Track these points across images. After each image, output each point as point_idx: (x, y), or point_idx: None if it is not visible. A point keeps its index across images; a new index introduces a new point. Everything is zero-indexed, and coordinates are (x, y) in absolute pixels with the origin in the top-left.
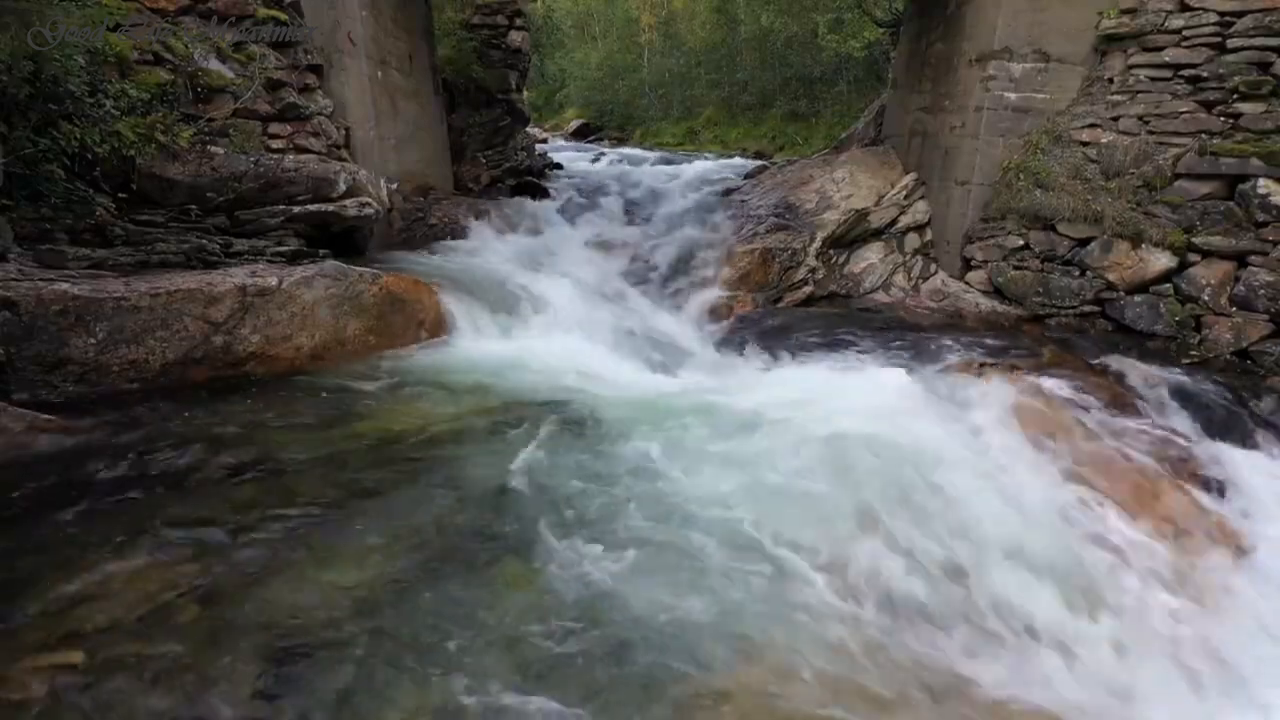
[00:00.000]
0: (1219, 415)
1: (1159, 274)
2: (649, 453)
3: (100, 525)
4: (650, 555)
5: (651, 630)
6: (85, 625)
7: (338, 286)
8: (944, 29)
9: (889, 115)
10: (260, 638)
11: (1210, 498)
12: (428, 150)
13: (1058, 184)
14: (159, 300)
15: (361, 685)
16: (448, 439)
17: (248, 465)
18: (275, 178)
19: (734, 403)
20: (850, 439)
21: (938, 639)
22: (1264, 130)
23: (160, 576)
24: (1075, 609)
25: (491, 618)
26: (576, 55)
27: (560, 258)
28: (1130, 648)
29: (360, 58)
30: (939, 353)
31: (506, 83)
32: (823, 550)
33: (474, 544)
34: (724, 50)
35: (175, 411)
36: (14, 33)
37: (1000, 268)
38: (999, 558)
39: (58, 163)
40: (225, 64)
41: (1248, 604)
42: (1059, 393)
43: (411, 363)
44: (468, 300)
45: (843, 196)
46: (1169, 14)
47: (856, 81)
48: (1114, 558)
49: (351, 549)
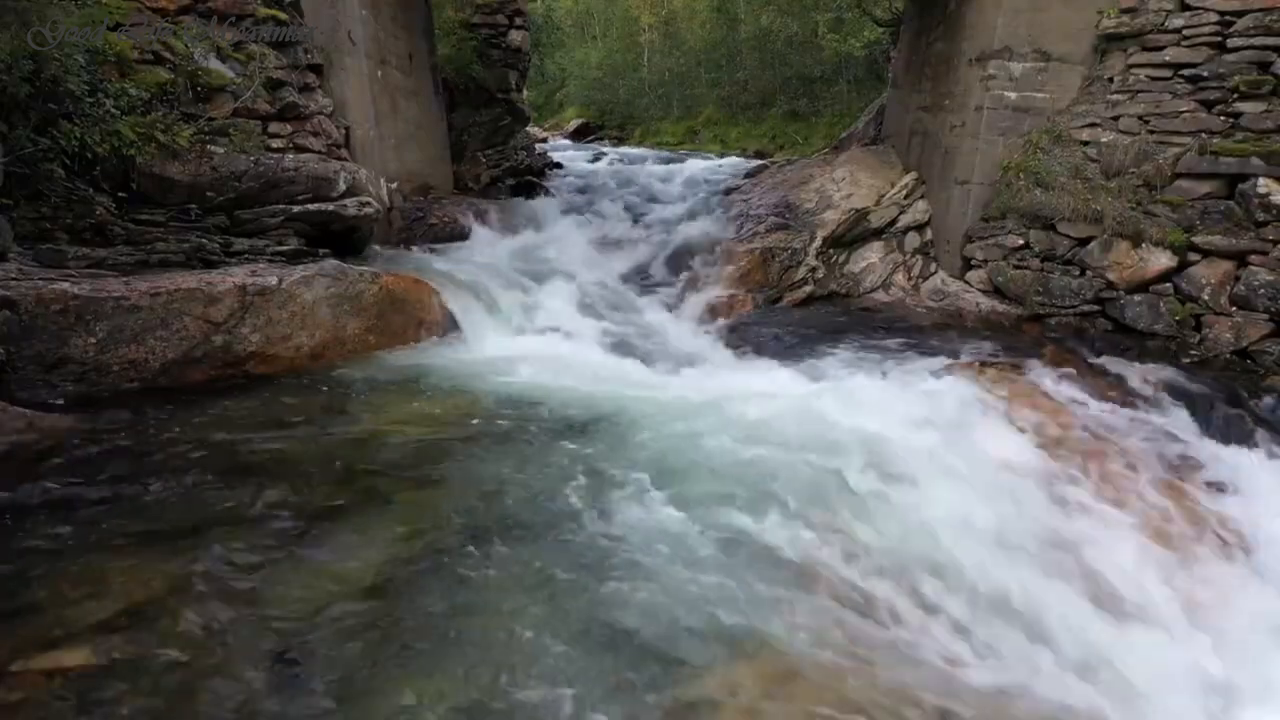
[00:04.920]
0: (1219, 414)
1: (1159, 273)
2: (649, 452)
3: (100, 524)
4: (651, 555)
5: (651, 629)
6: (85, 625)
7: (338, 286)
8: (944, 28)
9: (889, 115)
10: (260, 636)
11: (1210, 497)
12: (428, 149)
13: (1058, 183)
14: (159, 300)
15: (362, 684)
16: (447, 438)
17: (247, 464)
18: (275, 177)
19: (734, 402)
20: (850, 439)
21: (919, 639)
22: (1264, 129)
23: (160, 576)
24: (1075, 609)
25: (491, 615)
26: (576, 55)
27: (560, 257)
28: (1129, 647)
29: (360, 57)
30: (939, 352)
31: (506, 82)
32: (827, 560)
33: (474, 542)
34: (724, 50)
35: (175, 411)
36: (14, 32)
37: (1000, 267)
38: (996, 556)
39: (58, 162)
40: (225, 63)
41: (1248, 603)
42: (1059, 392)
43: (411, 362)
44: (468, 300)
45: (843, 196)
46: (1169, 13)
47: (856, 81)
48: (1111, 556)
49: (351, 548)
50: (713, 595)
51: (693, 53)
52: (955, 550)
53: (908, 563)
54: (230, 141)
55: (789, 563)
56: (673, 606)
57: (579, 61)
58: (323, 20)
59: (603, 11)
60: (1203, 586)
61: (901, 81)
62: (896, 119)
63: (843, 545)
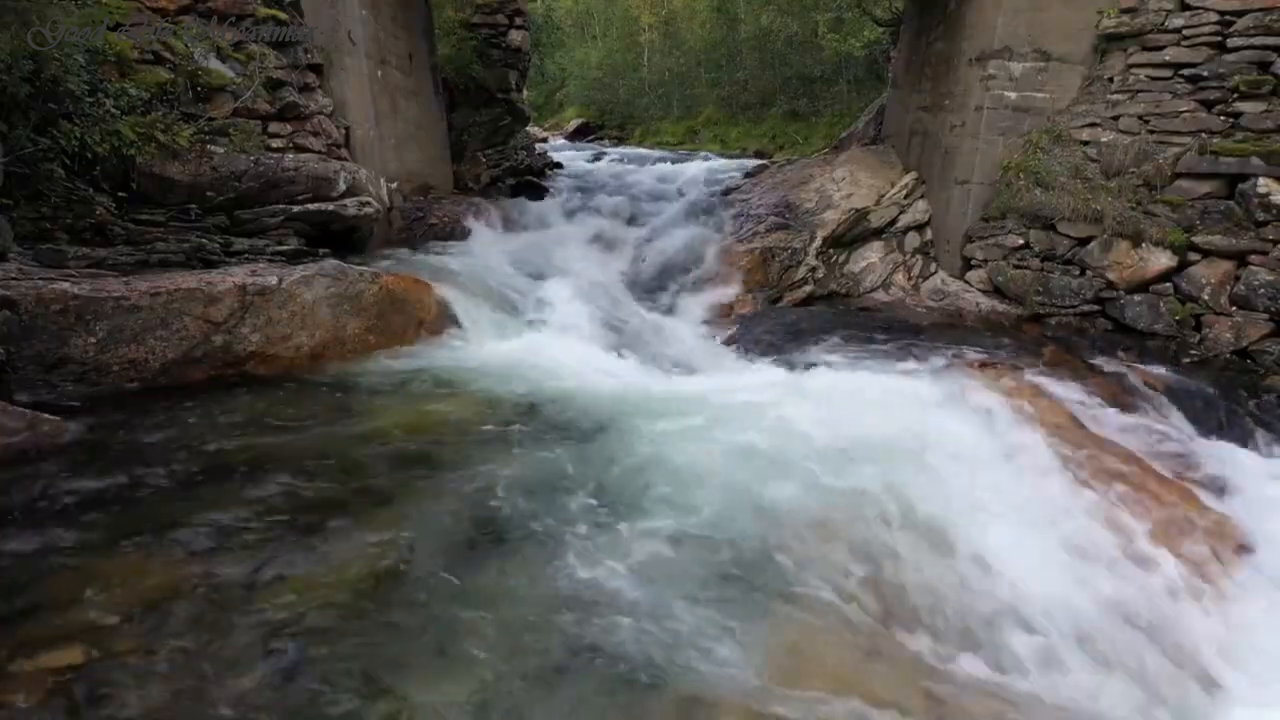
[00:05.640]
0: (1219, 414)
1: (1159, 273)
2: (648, 452)
3: (100, 524)
4: (650, 554)
5: (652, 627)
6: (85, 624)
7: (338, 286)
8: (944, 28)
9: (889, 114)
10: (260, 636)
11: (1210, 496)
12: (428, 149)
13: (1058, 183)
14: (159, 299)
15: (361, 683)
16: (447, 438)
17: (247, 464)
18: (275, 177)
19: (734, 402)
20: (850, 440)
21: (923, 635)
22: (1264, 129)
23: (160, 575)
24: (1073, 607)
25: (491, 615)
26: (576, 54)
27: (560, 257)
28: (1129, 647)
29: (360, 57)
30: (939, 352)
31: (506, 82)
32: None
33: (474, 542)
34: (724, 50)
35: (175, 411)
36: (14, 32)
37: (1000, 267)
38: (995, 554)
39: (58, 162)
40: (225, 63)
41: (1248, 603)
42: (1058, 392)
43: (411, 362)
44: (467, 299)
45: (843, 196)
46: (1169, 13)
47: (856, 81)
48: (1112, 556)
49: (351, 547)
50: (707, 589)
51: (693, 53)
52: (950, 546)
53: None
54: (230, 141)
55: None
56: (671, 604)
57: (579, 61)
58: (323, 20)
59: (603, 11)
60: (1202, 585)
61: (901, 81)
62: (896, 119)
63: (844, 547)
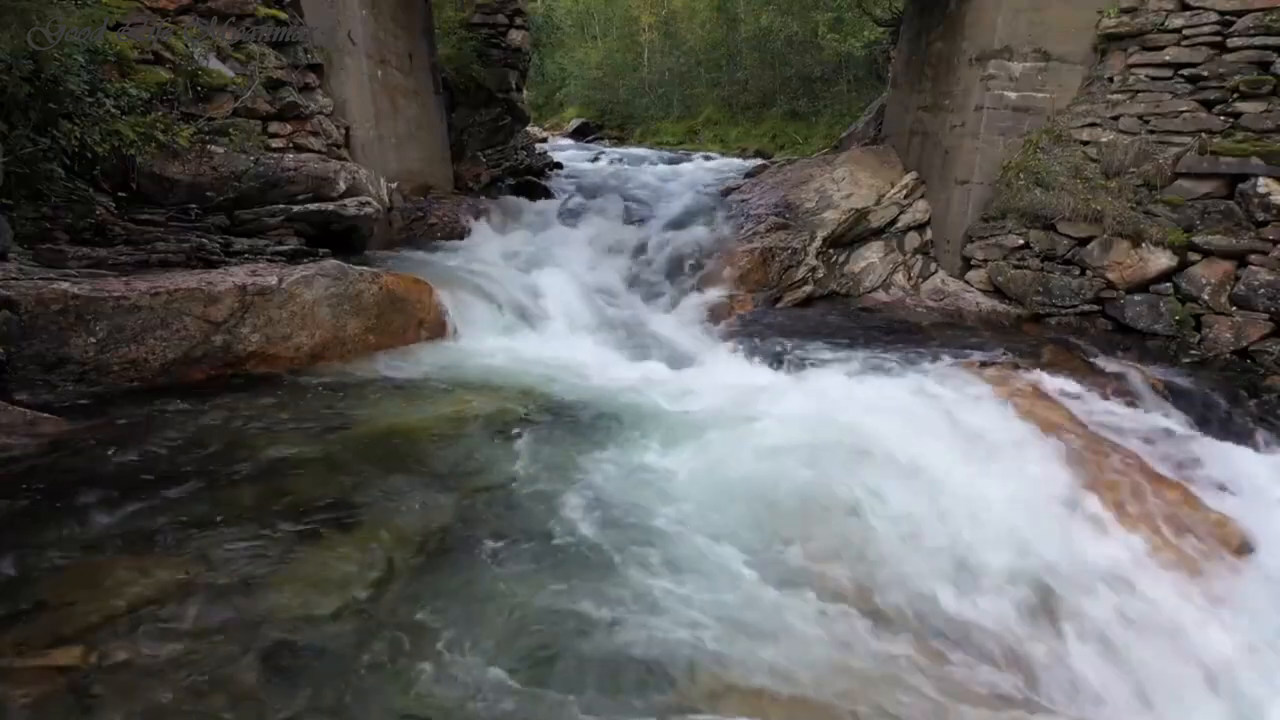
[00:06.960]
0: (1219, 414)
1: (1159, 273)
2: (648, 452)
3: (99, 524)
4: (650, 553)
5: (651, 625)
6: (84, 624)
7: (338, 286)
8: (944, 28)
9: (889, 114)
10: (260, 636)
11: (1210, 496)
12: (428, 149)
13: (1058, 183)
14: (159, 299)
15: (361, 682)
16: (447, 438)
17: (247, 464)
18: (275, 177)
19: (732, 402)
20: (850, 440)
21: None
22: (1264, 129)
23: (159, 575)
24: (1073, 607)
25: (491, 616)
26: (576, 54)
27: (560, 257)
28: (1128, 647)
29: (360, 57)
30: (939, 351)
31: (506, 82)
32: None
33: (473, 542)
34: (724, 50)
35: (175, 411)
36: (14, 32)
37: (1000, 267)
38: (995, 553)
39: (58, 162)
40: (225, 63)
41: (1248, 603)
42: (1059, 391)
43: (411, 362)
44: (467, 299)
45: (843, 195)
46: (1169, 13)
47: (856, 81)
48: (1112, 556)
49: (351, 547)
50: (704, 589)
51: (693, 53)
52: (951, 545)
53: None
54: (230, 141)
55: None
56: (669, 603)
57: (579, 61)
58: (323, 20)
59: (603, 11)
60: (1202, 585)
61: (901, 81)
62: (896, 119)
63: (845, 548)
